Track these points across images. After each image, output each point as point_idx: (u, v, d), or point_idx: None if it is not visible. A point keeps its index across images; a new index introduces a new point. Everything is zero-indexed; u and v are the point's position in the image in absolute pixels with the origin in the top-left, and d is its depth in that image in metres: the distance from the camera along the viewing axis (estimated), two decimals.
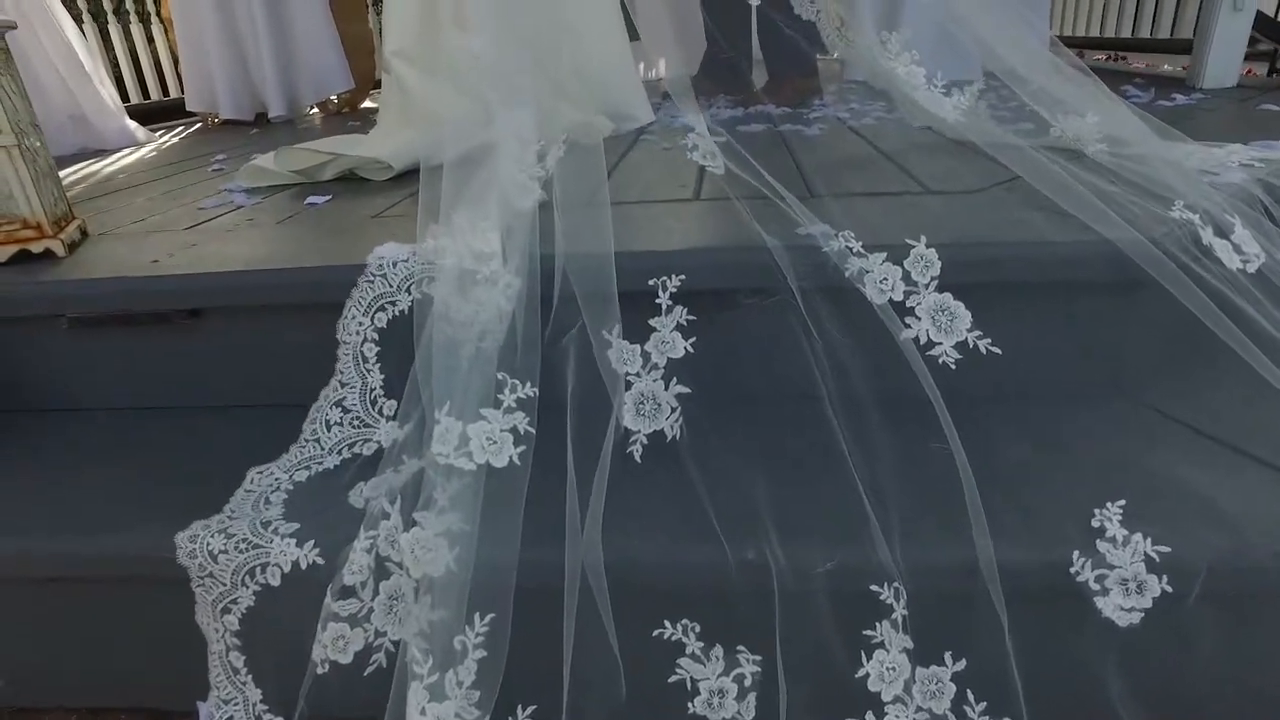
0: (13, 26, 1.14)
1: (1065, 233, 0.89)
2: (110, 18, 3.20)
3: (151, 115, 3.36)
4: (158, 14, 3.31)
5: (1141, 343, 0.92)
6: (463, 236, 0.91)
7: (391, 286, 0.92)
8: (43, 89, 2.49)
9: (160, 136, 2.90)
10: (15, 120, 1.08)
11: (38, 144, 1.16)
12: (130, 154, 2.47)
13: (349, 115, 3.16)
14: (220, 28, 2.95)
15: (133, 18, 3.28)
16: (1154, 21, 2.59)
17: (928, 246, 0.85)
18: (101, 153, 2.55)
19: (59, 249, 1.13)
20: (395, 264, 0.92)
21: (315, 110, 3.29)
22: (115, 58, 3.29)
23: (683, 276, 0.86)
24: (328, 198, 1.37)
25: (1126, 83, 2.38)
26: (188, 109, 3.15)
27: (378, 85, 3.69)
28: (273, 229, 1.19)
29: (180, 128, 3.26)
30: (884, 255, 0.85)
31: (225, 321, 1.01)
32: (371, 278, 0.92)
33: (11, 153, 1.07)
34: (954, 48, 1.54)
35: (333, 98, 3.22)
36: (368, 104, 3.46)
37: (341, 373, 0.93)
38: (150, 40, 3.38)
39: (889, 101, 1.63)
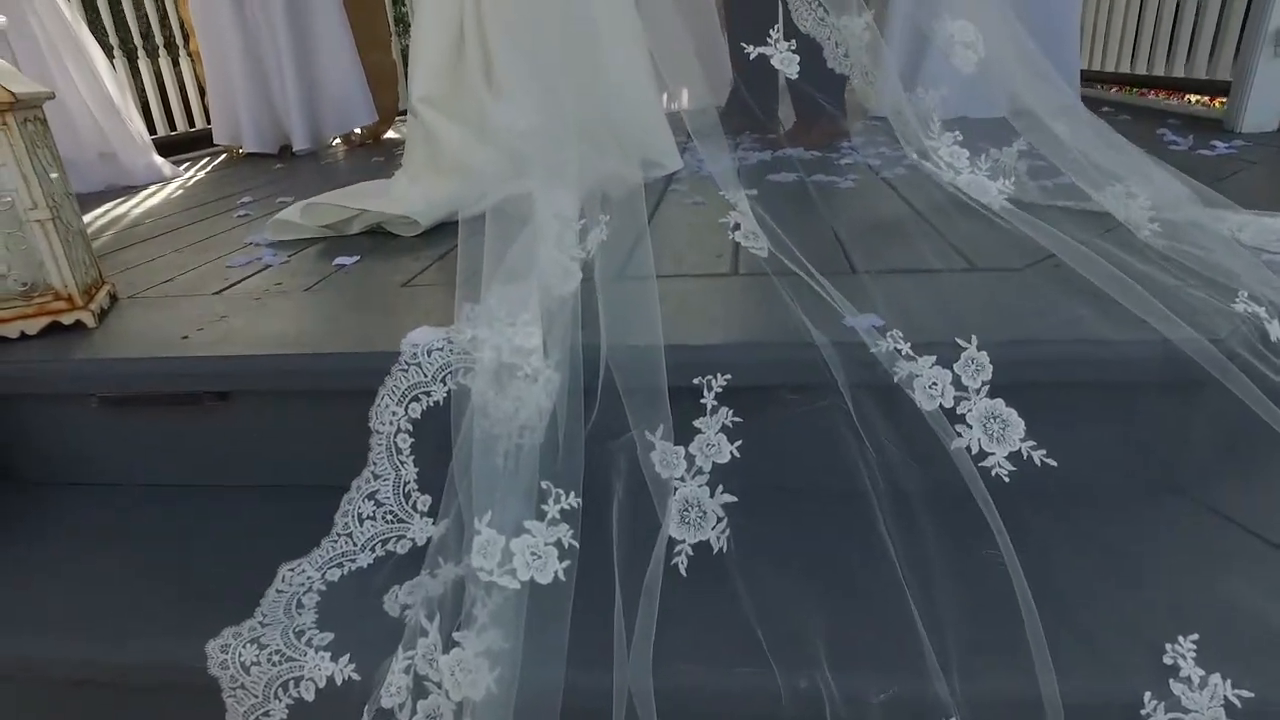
0: (50, 96, 1.13)
1: (1121, 329, 0.85)
2: (140, 51, 3.22)
3: (178, 146, 3.39)
4: (185, 47, 3.34)
5: (1202, 440, 0.88)
6: (501, 327, 0.88)
7: (426, 376, 0.90)
8: (74, 126, 2.51)
9: (186, 170, 2.91)
10: (50, 193, 1.08)
11: (71, 213, 1.16)
12: (157, 191, 2.48)
13: (372, 147, 3.17)
14: (246, 62, 2.97)
15: (161, 51, 3.30)
16: (1188, 59, 2.55)
17: (979, 349, 0.82)
18: (129, 189, 2.57)
19: (89, 320, 1.12)
20: (430, 352, 0.90)
21: (338, 142, 3.30)
22: (143, 89, 3.31)
23: (729, 376, 0.84)
24: (356, 258, 1.36)
25: (1161, 124, 2.35)
26: (215, 142, 3.17)
27: (402, 115, 3.71)
28: (301, 297, 1.18)
29: (205, 159, 3.28)
30: (933, 358, 0.82)
31: (256, 404, 0.99)
32: (405, 366, 0.90)
33: (46, 226, 1.07)
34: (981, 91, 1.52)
35: (356, 130, 3.22)
36: (391, 134, 3.47)
37: (374, 463, 0.90)
38: (178, 72, 3.41)
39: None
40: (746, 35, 2.54)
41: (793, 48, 1.34)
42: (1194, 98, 2.73)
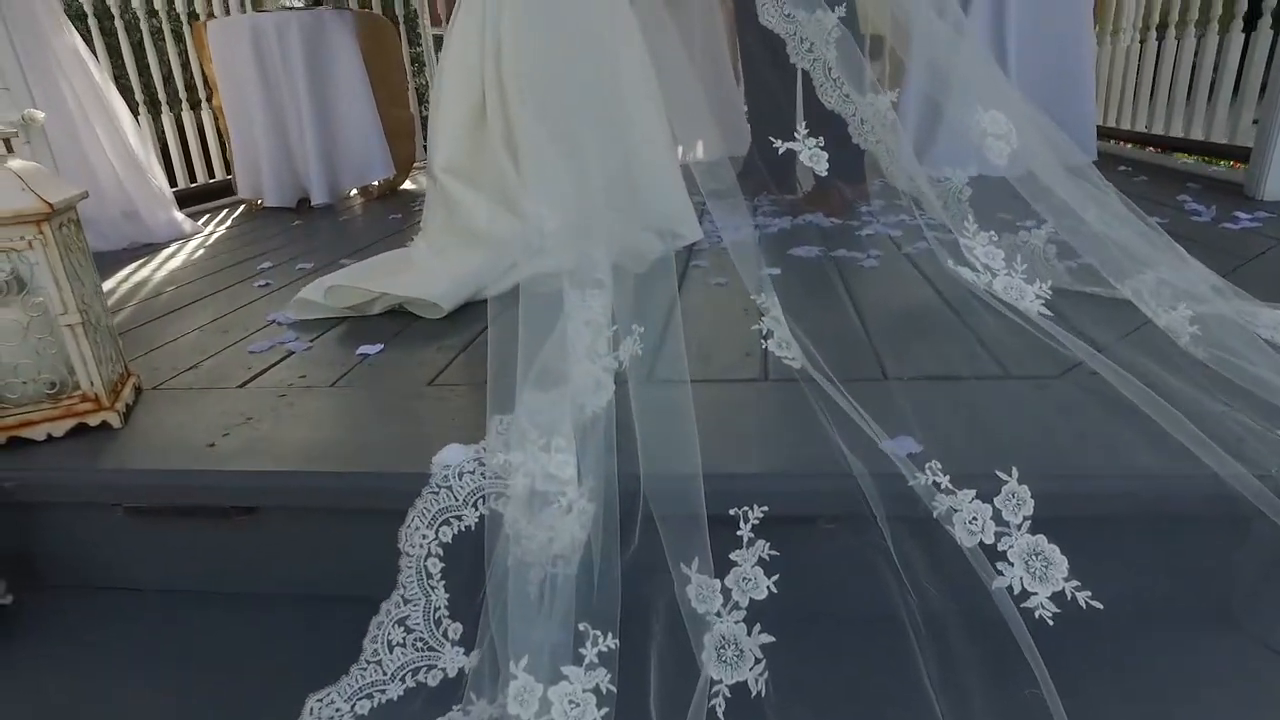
0: (84, 196, 1.14)
1: (1165, 459, 0.84)
2: (164, 105, 3.27)
3: (198, 197, 3.43)
4: (208, 102, 3.38)
5: (1253, 573, 0.86)
6: (534, 450, 0.87)
7: (457, 500, 0.89)
8: (99, 186, 2.54)
9: (205, 225, 2.94)
10: (81, 296, 1.08)
11: (100, 310, 1.16)
12: (178, 250, 2.50)
13: (388, 199, 3.19)
14: (267, 118, 3.01)
15: (184, 106, 3.35)
16: (1207, 118, 2.55)
17: (1019, 482, 0.81)
18: (150, 246, 2.59)
19: (115, 420, 1.11)
20: (461, 475, 0.89)
21: (355, 193, 3.33)
22: (165, 140, 3.35)
23: (765, 507, 0.83)
24: (379, 348, 1.36)
25: (1181, 189, 2.34)
26: (238, 195, 3.21)
27: (419, 166, 3.74)
28: (326, 396, 1.17)
29: (225, 210, 3.32)
30: (973, 492, 0.81)
31: (283, 518, 0.98)
32: (436, 489, 0.89)
33: (76, 330, 1.07)
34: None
35: (373, 182, 3.25)
36: (407, 185, 3.50)
37: (404, 586, 0.89)
38: (200, 125, 3.45)
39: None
40: (763, 111, 2.56)
41: (820, 144, 1.34)
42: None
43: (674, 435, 0.90)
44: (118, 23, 3.10)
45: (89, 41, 2.92)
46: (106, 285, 2.04)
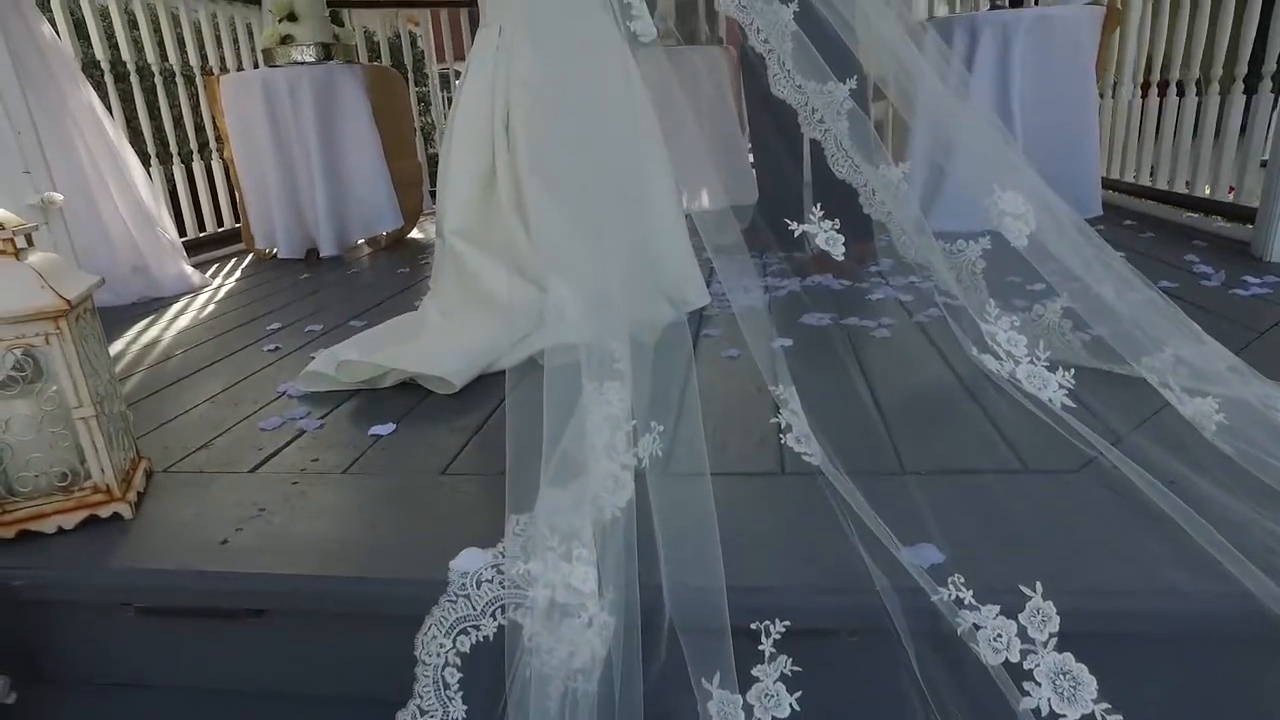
0: (100, 283, 1.14)
1: (1194, 573, 0.82)
2: (175, 158, 3.30)
3: (208, 244, 3.45)
4: (219, 152, 3.42)
5: None
6: (554, 559, 0.86)
7: (475, 609, 0.87)
8: (110, 241, 2.56)
9: (213, 276, 2.95)
10: (95, 387, 1.07)
11: (114, 397, 1.16)
12: (186, 305, 2.51)
13: (396, 251, 3.21)
14: (278, 172, 3.04)
15: (195, 157, 3.38)
16: (1213, 174, 2.56)
17: (1044, 598, 0.80)
18: (159, 300, 2.60)
19: (127, 511, 1.10)
20: (479, 584, 0.88)
21: (363, 243, 3.35)
22: (175, 188, 3.38)
23: (788, 622, 0.81)
24: (391, 428, 1.35)
25: (1188, 247, 2.35)
26: (246, 245, 3.23)
27: (428, 214, 3.77)
28: (339, 484, 1.17)
29: (233, 258, 3.34)
30: (997, 608, 0.80)
31: (295, 621, 0.97)
32: (454, 598, 0.88)
33: (90, 423, 1.06)
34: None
35: (382, 233, 3.27)
36: (415, 234, 3.53)
37: (420, 696, 0.87)
38: (210, 174, 3.48)
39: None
40: (771, 176, 2.57)
41: (836, 227, 1.35)
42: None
43: (696, 541, 0.89)
44: (133, 77, 3.14)
45: (103, 92, 2.97)
46: (116, 346, 2.04)
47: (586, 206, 1.70)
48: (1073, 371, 1.18)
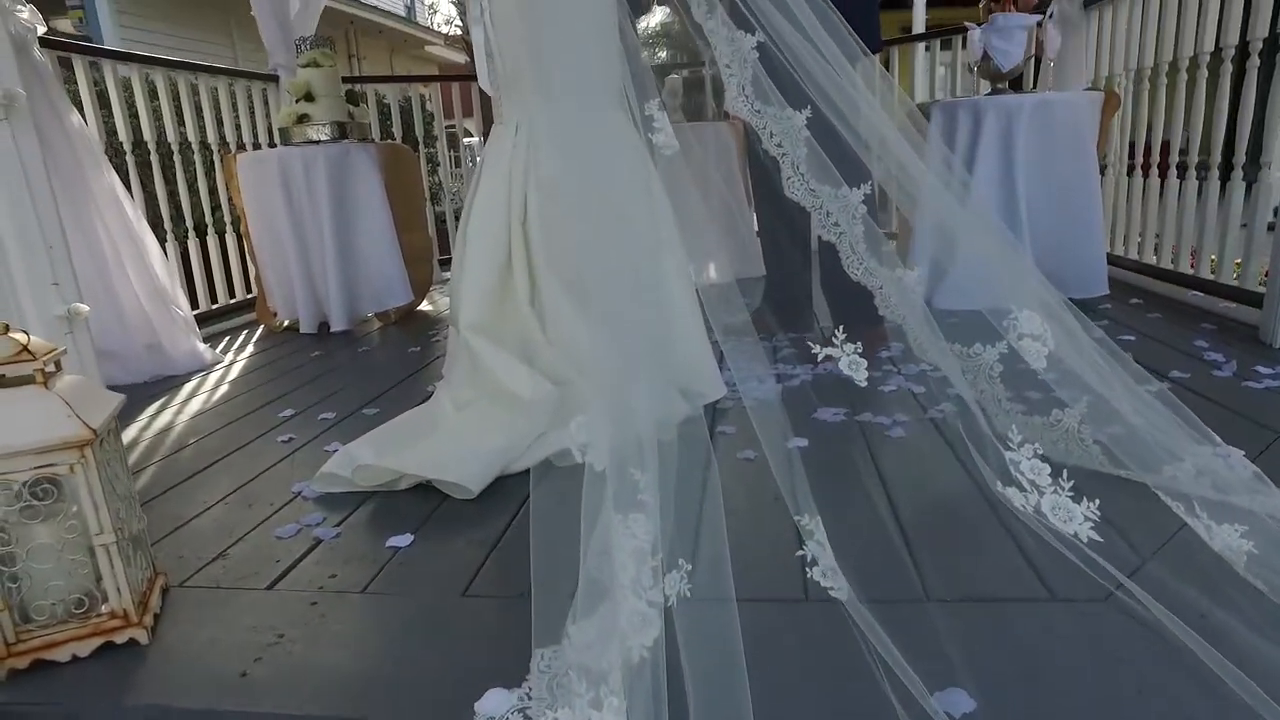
0: (123, 404, 1.15)
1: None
2: (191, 233, 3.34)
3: (221, 314, 3.48)
4: (234, 227, 3.47)
5: None
6: (582, 706, 0.85)
7: None
8: (125, 321, 2.58)
9: (225, 352, 2.97)
10: (116, 513, 1.07)
11: (133, 518, 1.15)
12: (199, 385, 2.52)
13: (406, 326, 3.23)
14: (292, 248, 3.09)
15: (210, 231, 3.43)
16: (1218, 263, 2.59)
17: None
18: (172, 379, 2.62)
19: (143, 637, 1.09)
20: None
21: (373, 315, 3.37)
22: (189, 261, 3.42)
23: None
24: (409, 539, 1.34)
25: (1196, 330, 2.36)
26: (259, 317, 3.26)
27: (438, 285, 3.81)
28: (359, 606, 1.16)
29: (245, 330, 3.36)
30: None
31: None
32: None
33: (110, 549, 1.06)
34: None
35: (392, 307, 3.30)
36: (425, 306, 3.55)
37: None
38: (224, 248, 3.52)
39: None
40: (779, 271, 2.59)
41: (858, 350, 1.36)
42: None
43: (724, 682, 0.88)
44: (153, 155, 3.20)
45: (123, 165, 3.03)
46: (130, 433, 2.04)
47: (604, 305, 1.71)
48: (1098, 502, 1.17)
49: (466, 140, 9.20)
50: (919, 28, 10.19)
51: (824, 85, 1.62)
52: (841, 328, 1.39)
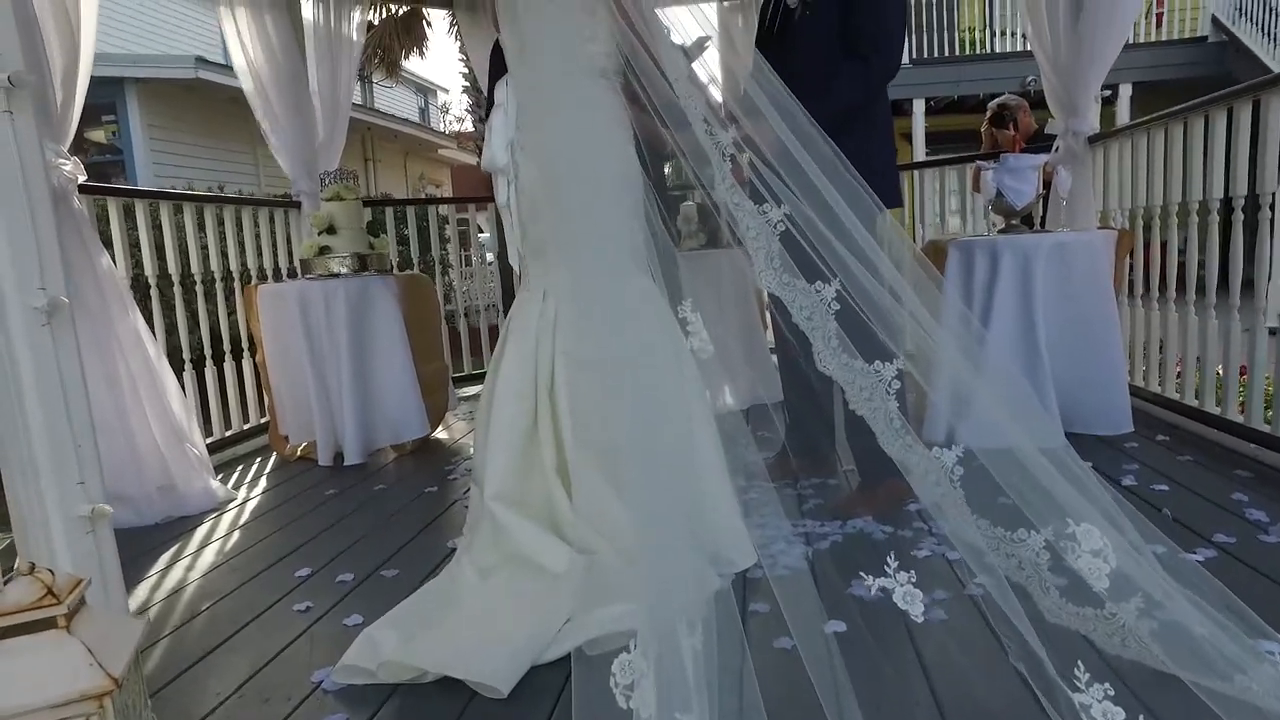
0: (147, 626, 1.10)
1: None
2: (209, 361, 3.35)
3: (235, 441, 3.45)
4: (251, 355, 3.49)
5: None
6: None
7: None
8: (140, 462, 2.57)
9: (238, 487, 2.93)
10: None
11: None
12: (211, 530, 2.47)
13: (423, 458, 3.20)
14: (310, 379, 3.09)
15: (227, 358, 3.45)
16: (1245, 405, 2.56)
17: None
18: (184, 520, 2.57)
19: None
20: None
21: (388, 446, 3.34)
22: (205, 388, 3.41)
23: None
24: None
25: (1232, 481, 2.30)
26: (273, 445, 3.23)
27: (454, 414, 3.80)
28: None
29: (258, 459, 3.33)
30: None
31: None
32: None
33: None
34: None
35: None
36: (439, 434, 3.53)
37: None
38: (240, 376, 3.53)
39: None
40: (802, 416, 2.56)
41: (913, 579, 1.32)
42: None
43: None
44: (176, 287, 3.25)
45: (148, 301, 3.06)
46: (139, 594, 1.98)
47: (633, 475, 1.68)
48: None
49: (481, 236, 9.39)
50: (919, 136, 10.52)
51: (849, 258, 1.63)
52: (893, 554, 1.34)
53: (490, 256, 8.71)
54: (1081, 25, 3.17)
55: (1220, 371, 2.73)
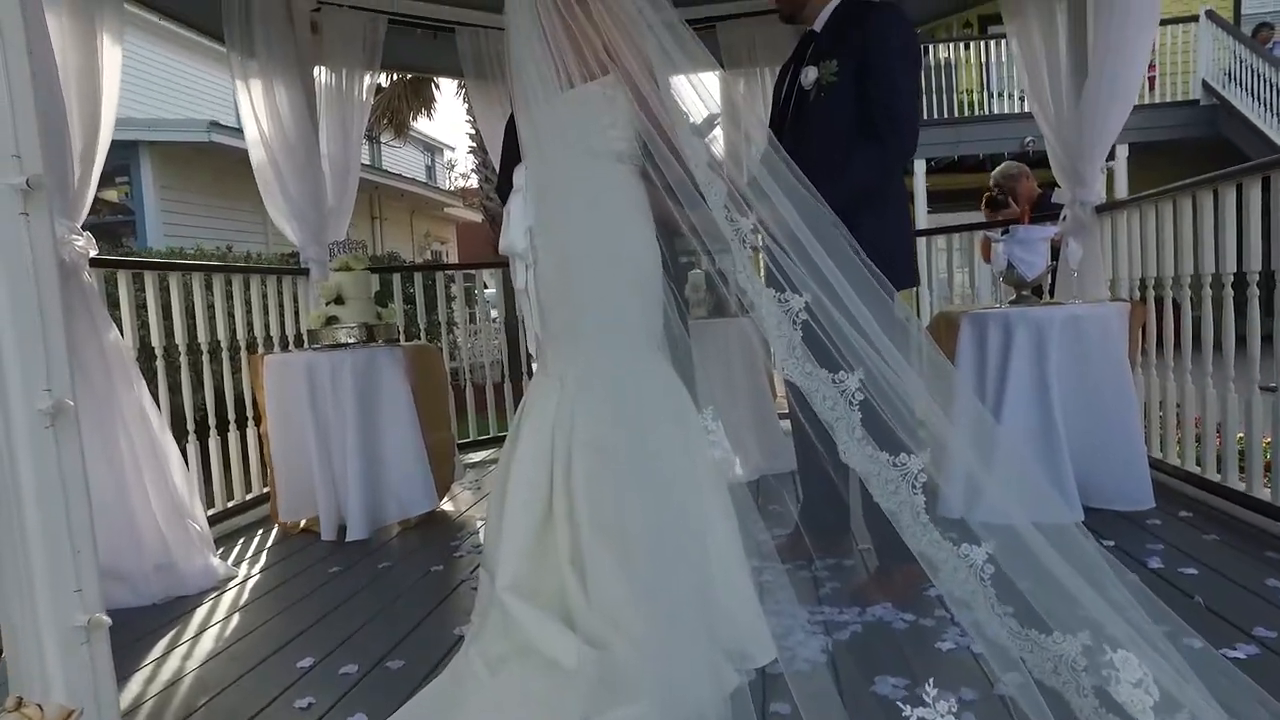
0: None
1: None
2: (213, 431, 3.32)
3: (236, 512, 3.39)
4: (256, 424, 3.45)
5: None
6: None
7: None
8: (139, 540, 2.52)
9: (238, 562, 2.87)
10: None
11: None
12: (210, 611, 2.40)
13: (428, 531, 3.13)
14: (315, 452, 3.04)
15: (231, 427, 3.41)
16: (1270, 479, 2.51)
17: None
18: (182, 600, 2.51)
19: None
20: None
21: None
22: (208, 457, 3.37)
23: None
24: None
25: (1263, 565, 2.22)
26: (280, 519, 3.17)
27: (461, 484, 3.74)
28: None
29: (259, 532, 3.27)
30: None
31: None
32: None
33: None
34: None
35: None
36: (446, 505, 3.47)
37: None
38: (244, 445, 3.49)
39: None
40: (816, 495, 2.50)
41: (953, 709, 1.26)
42: None
43: None
44: (182, 357, 3.23)
45: (151, 363, 3.04)
46: (133, 688, 1.91)
47: (648, 565, 1.64)
48: None
49: (486, 293, 9.42)
50: (920, 196, 10.66)
51: (871, 348, 1.60)
52: (931, 681, 1.28)
53: (495, 313, 8.73)
54: (1084, 100, 3.21)
55: (1240, 441, 2.68)
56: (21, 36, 1.09)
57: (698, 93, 2.08)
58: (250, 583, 2.67)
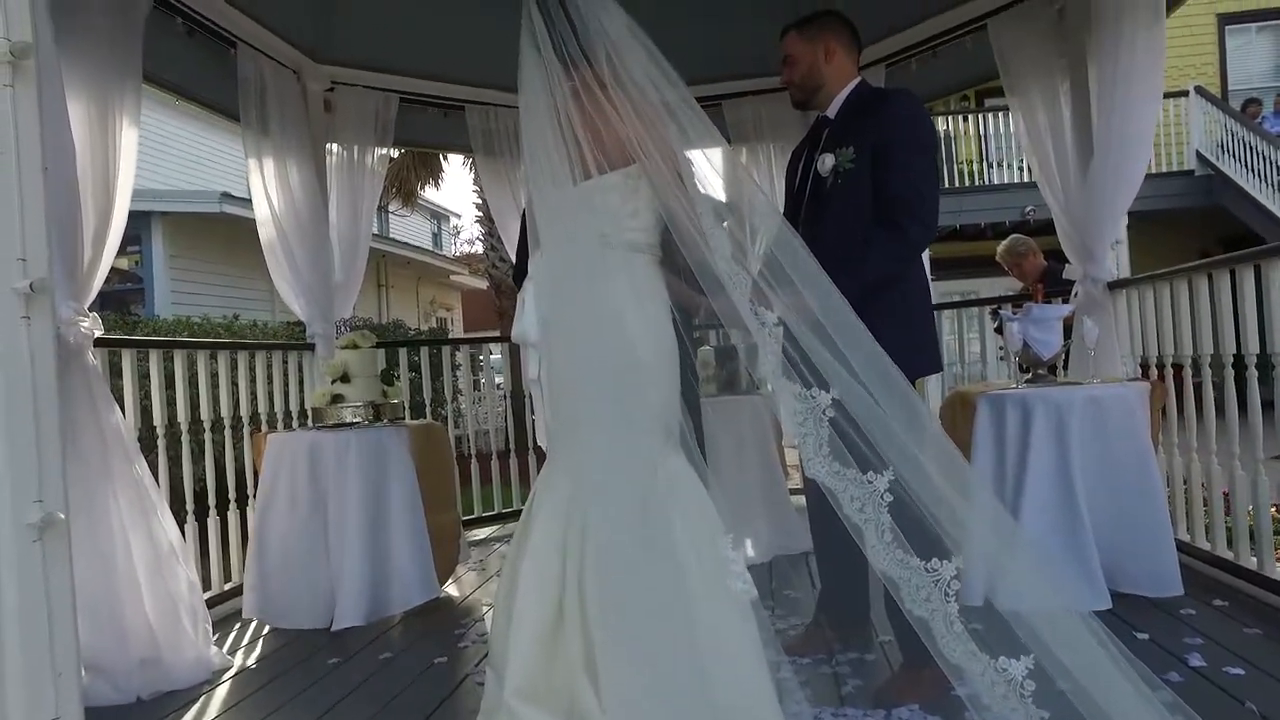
0: None
1: None
2: (212, 510, 3.24)
3: (233, 593, 3.27)
4: (255, 501, 3.36)
5: None
6: None
7: None
8: (124, 633, 2.41)
9: (233, 651, 2.75)
10: None
11: None
12: (200, 709, 2.28)
13: (431, 622, 3.01)
14: (312, 536, 2.96)
15: (232, 506, 3.33)
16: None
17: None
18: (170, 695, 2.38)
19: None
20: None
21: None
22: (207, 537, 3.27)
23: None
24: None
25: None
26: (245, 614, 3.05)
27: (465, 565, 3.64)
28: None
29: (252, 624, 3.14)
30: None
31: None
32: None
33: None
34: None
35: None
36: (450, 590, 3.36)
37: None
38: (244, 524, 3.40)
39: None
40: (836, 582, 2.41)
41: None
42: None
43: None
44: (184, 435, 3.17)
45: (153, 436, 2.98)
46: None
47: (664, 670, 1.55)
48: None
49: (491, 358, 9.40)
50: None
51: (901, 446, 1.55)
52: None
53: (500, 380, 8.65)
54: (1090, 179, 3.22)
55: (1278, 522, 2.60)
56: (38, 155, 1.07)
57: (719, 176, 2.05)
58: (245, 675, 2.55)
